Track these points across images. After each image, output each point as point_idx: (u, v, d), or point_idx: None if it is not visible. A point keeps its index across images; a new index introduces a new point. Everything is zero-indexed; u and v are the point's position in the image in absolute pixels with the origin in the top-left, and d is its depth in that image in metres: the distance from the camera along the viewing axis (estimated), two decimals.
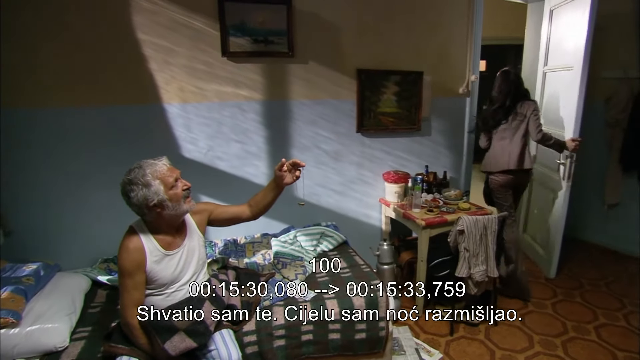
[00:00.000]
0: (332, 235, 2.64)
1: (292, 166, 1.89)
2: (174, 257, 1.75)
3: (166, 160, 1.73)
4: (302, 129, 2.72)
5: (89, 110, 2.29)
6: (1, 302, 1.70)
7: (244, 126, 2.60)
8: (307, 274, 2.28)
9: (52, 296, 1.91)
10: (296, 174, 1.90)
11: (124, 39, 2.27)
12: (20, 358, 1.65)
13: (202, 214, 1.93)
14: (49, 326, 1.72)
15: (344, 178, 2.90)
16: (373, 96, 2.79)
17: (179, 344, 1.58)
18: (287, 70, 2.59)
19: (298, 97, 2.66)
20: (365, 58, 2.74)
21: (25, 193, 2.27)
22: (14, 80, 2.14)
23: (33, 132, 2.23)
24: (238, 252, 2.58)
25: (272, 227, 2.78)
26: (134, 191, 1.60)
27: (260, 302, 2.03)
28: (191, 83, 2.43)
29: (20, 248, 2.26)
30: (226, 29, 2.39)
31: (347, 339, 1.99)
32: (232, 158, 2.62)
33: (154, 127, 2.43)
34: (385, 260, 2.61)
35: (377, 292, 2.07)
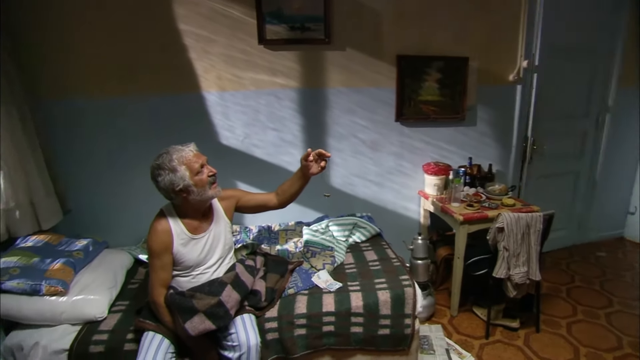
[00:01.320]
0: (365, 227, 2.59)
1: (318, 156, 1.86)
2: (199, 241, 1.83)
3: (194, 146, 1.78)
4: (338, 117, 2.67)
5: (134, 99, 2.43)
6: (53, 272, 1.90)
7: (280, 114, 2.61)
8: (335, 264, 2.27)
9: (97, 270, 2.08)
10: (321, 165, 1.87)
11: (166, 30, 2.36)
12: (67, 323, 1.83)
13: (230, 200, 1.98)
14: (91, 297, 1.88)
15: (381, 168, 2.82)
16: (414, 83, 2.66)
17: (198, 324, 1.64)
18: (323, 58, 2.55)
19: (335, 85, 2.61)
20: (405, 43, 2.62)
21: (81, 176, 2.48)
22: (57, 72, 2.32)
23: (87, 122, 2.42)
24: (271, 238, 2.63)
25: (306, 215, 2.79)
26: (161, 176, 1.68)
27: (285, 290, 2.06)
28: (229, 71, 2.48)
29: (76, 225, 2.48)
30: (263, 17, 2.39)
31: (369, 334, 1.94)
32: (268, 146, 2.65)
33: (193, 115, 2.52)
34: (419, 255, 2.52)
35: (405, 288, 2.01)
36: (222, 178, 2.50)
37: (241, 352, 1.67)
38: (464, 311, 2.60)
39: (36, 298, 1.79)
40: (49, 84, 2.33)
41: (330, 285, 2.07)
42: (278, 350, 1.86)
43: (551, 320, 2.48)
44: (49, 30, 2.25)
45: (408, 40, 2.62)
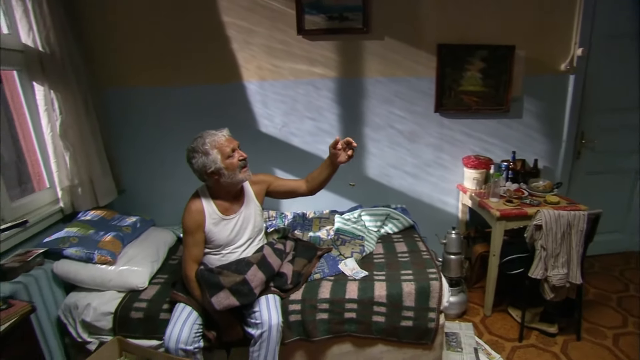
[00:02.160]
0: (397, 218, 2.57)
1: (346, 145, 1.88)
2: (230, 221, 1.93)
3: (227, 131, 1.88)
4: (375, 107, 2.65)
5: (181, 88, 2.60)
6: (105, 243, 2.12)
7: (317, 103, 2.65)
8: (363, 253, 2.28)
9: (142, 245, 2.28)
10: (349, 153, 1.89)
11: (211, 23, 2.49)
12: (113, 290, 2.04)
13: (261, 184, 2.07)
14: (135, 269, 2.07)
15: (419, 160, 2.76)
16: (455, 73, 2.57)
17: (223, 300, 1.75)
18: (361, 47, 2.54)
19: (372, 75, 2.59)
20: (447, 32, 2.52)
21: (135, 159, 2.71)
22: (116, 65, 2.55)
23: (140, 108, 2.64)
24: (305, 225, 2.69)
25: (341, 204, 2.82)
26: (195, 158, 1.80)
27: (311, 274, 2.12)
28: (268, 61, 2.56)
29: (128, 204, 2.73)
30: (302, 7, 2.43)
31: (391, 324, 1.94)
32: (305, 134, 2.71)
33: (235, 103, 2.64)
34: (451, 249, 2.45)
35: (431, 281, 1.98)
36: (261, 164, 2.64)
37: (263, 329, 1.75)
38: (498, 311, 2.49)
39: (90, 265, 2.01)
40: (110, 74, 2.56)
41: (356, 273, 2.09)
42: (300, 332, 1.92)
43: (595, 329, 2.30)
44: (110, 25, 2.47)
45: (450, 28, 2.52)
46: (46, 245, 2.02)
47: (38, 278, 1.91)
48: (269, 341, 1.76)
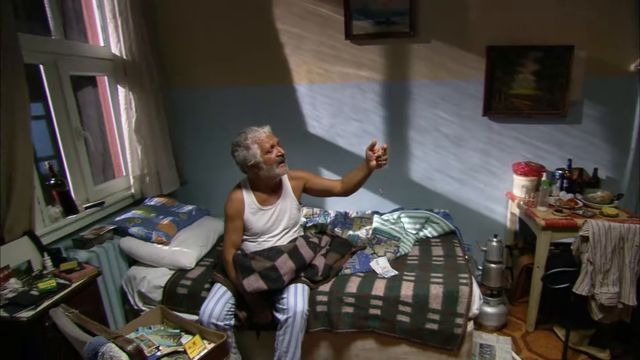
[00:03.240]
0: (438, 222, 2.53)
1: (383, 151, 1.92)
2: (266, 212, 2.09)
3: (268, 128, 2.04)
4: (421, 110, 2.65)
5: (239, 89, 2.84)
6: (162, 226, 2.41)
7: (363, 106, 2.72)
8: (397, 254, 2.30)
9: (194, 231, 2.53)
10: (380, 162, 1.92)
11: (266, 30, 2.69)
12: (165, 267, 2.30)
13: (299, 180, 2.19)
14: (185, 250, 2.32)
15: (465, 165, 2.69)
16: (505, 76, 2.46)
17: (253, 283, 1.90)
18: (407, 50, 2.56)
19: (418, 78, 2.59)
20: (497, 33, 2.44)
21: (197, 155, 3.02)
22: (184, 69, 2.86)
23: (201, 108, 2.93)
24: (346, 224, 2.76)
25: (383, 206, 2.84)
26: (237, 151, 1.98)
27: (341, 269, 2.19)
28: (318, 65, 2.70)
29: (188, 194, 3.05)
30: (350, 14, 2.53)
31: (416, 325, 1.93)
32: (351, 136, 2.79)
33: (286, 104, 2.81)
34: (492, 258, 2.34)
35: (461, 286, 1.93)
36: (307, 163, 2.79)
37: (288, 315, 1.87)
38: (543, 329, 2.32)
39: (148, 243, 2.30)
40: (178, 78, 2.89)
41: (386, 272, 2.12)
42: (325, 323, 2.00)
43: None
44: (180, 35, 2.80)
45: (500, 29, 2.44)
46: (116, 223, 2.36)
47: (107, 250, 2.24)
48: (293, 327, 1.87)
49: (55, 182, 2.17)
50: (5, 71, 1.74)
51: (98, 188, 2.53)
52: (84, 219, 2.28)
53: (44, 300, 1.63)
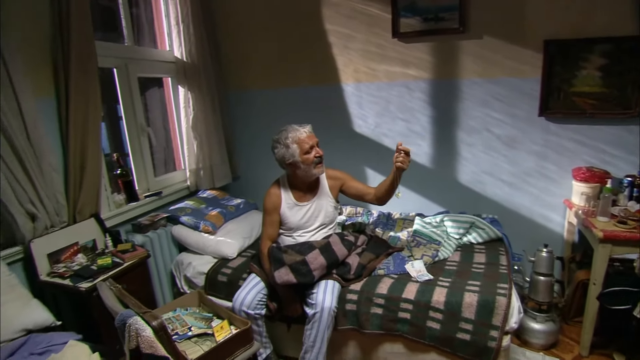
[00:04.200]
0: (483, 228, 2.38)
1: (405, 153, 1.88)
2: (302, 208, 2.14)
3: (309, 128, 2.09)
4: (471, 109, 2.52)
5: (286, 90, 2.94)
6: (210, 217, 2.58)
7: (410, 105, 2.65)
8: (436, 258, 2.21)
9: (240, 223, 2.67)
10: (398, 159, 1.87)
11: (316, 32, 2.75)
12: (210, 255, 2.46)
13: (337, 180, 2.21)
14: (229, 241, 2.46)
15: (517, 168, 2.50)
16: (566, 72, 2.24)
17: (283, 275, 1.96)
18: (457, 48, 2.45)
19: (468, 76, 2.47)
20: (557, 25, 2.23)
21: (249, 151, 3.18)
22: (239, 71, 3.03)
23: (252, 107, 3.09)
24: (388, 224, 2.72)
25: (429, 209, 2.76)
26: (277, 148, 2.06)
27: (375, 269, 2.17)
28: (365, 64, 2.69)
29: (240, 188, 3.22)
30: (397, 11, 2.49)
31: (446, 333, 1.85)
32: (397, 135, 2.73)
33: (332, 104, 2.85)
34: (541, 269, 2.14)
35: (498, 297, 1.81)
36: (353, 162, 2.81)
37: (316, 310, 1.90)
38: (600, 354, 2.08)
39: (196, 232, 2.48)
40: (234, 78, 3.07)
41: (420, 275, 2.06)
42: (353, 322, 2.00)
43: None
44: (235, 38, 2.97)
45: (560, 21, 2.22)
46: (169, 212, 2.58)
47: (160, 236, 2.46)
48: (320, 322, 1.90)
49: (121, 172, 2.44)
50: (82, 74, 2.01)
51: (158, 179, 2.78)
52: (143, 206, 2.53)
53: (100, 275, 1.85)
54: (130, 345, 1.31)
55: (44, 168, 1.87)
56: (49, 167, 1.90)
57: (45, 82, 1.94)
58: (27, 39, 1.84)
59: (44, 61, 1.93)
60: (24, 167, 1.78)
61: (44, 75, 1.93)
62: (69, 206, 2.04)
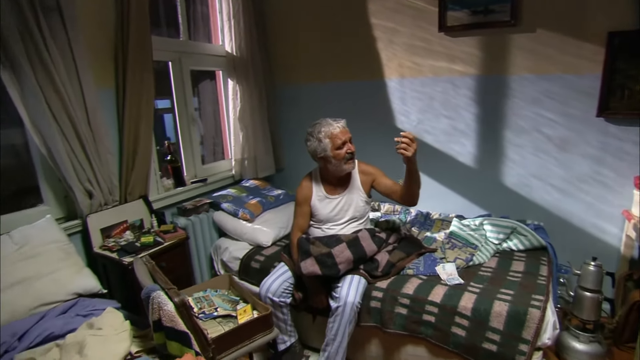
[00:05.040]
0: (525, 235, 2.23)
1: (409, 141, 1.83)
2: (332, 201, 2.16)
3: (343, 123, 2.09)
4: (520, 108, 2.36)
5: (331, 84, 2.97)
6: (249, 205, 2.68)
7: (455, 102, 2.55)
8: (470, 262, 2.12)
9: (278, 213, 2.75)
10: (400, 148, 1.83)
11: (361, 26, 2.74)
12: (245, 242, 2.56)
13: (369, 176, 2.20)
14: (265, 229, 2.55)
15: (570, 173, 2.30)
16: (631, 68, 2.01)
17: (309, 266, 1.99)
18: (507, 42, 2.30)
19: (518, 72, 2.31)
20: (622, 15, 2.01)
21: (293, 144, 3.25)
22: (286, 65, 3.10)
23: (298, 101, 3.15)
24: (425, 224, 2.65)
25: (470, 210, 2.65)
26: (309, 141, 2.10)
27: (404, 268, 2.13)
28: (409, 59, 2.63)
29: (283, 180, 3.31)
30: (444, 4, 2.41)
31: (471, 341, 1.78)
32: (439, 133, 2.65)
33: (375, 98, 2.82)
34: (586, 284, 1.95)
35: (530, 308, 1.70)
36: (392, 158, 2.70)
37: (339, 304, 1.91)
38: None
39: (235, 219, 2.60)
40: (281, 72, 3.16)
41: (450, 279, 1.99)
42: (377, 320, 1.99)
43: None
44: (284, 33, 3.05)
45: (626, 9, 1.99)
46: (212, 198, 2.73)
47: (202, 220, 2.62)
48: (342, 316, 1.91)
49: (170, 159, 2.63)
50: (138, 67, 2.19)
51: (205, 167, 2.96)
52: (189, 191, 2.70)
53: (142, 251, 2.02)
54: (153, 316, 1.43)
55: (101, 152, 2.07)
56: (105, 151, 2.10)
57: (106, 75, 2.14)
58: (93, 34, 2.03)
59: (107, 55, 2.13)
60: (85, 150, 1.98)
61: (105, 68, 2.13)
62: (121, 187, 2.25)
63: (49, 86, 1.82)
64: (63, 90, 1.86)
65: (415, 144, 1.82)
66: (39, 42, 1.76)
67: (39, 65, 1.78)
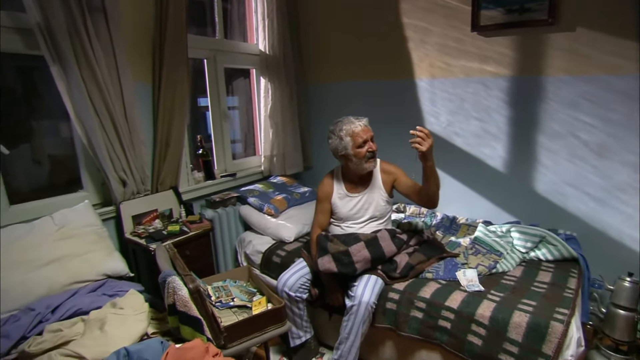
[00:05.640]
0: (555, 245, 2.11)
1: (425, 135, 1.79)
2: (352, 199, 2.16)
3: (365, 121, 2.08)
4: (555, 111, 2.24)
5: (361, 83, 2.96)
6: (275, 201, 2.74)
7: (486, 103, 2.46)
8: (492, 270, 2.05)
9: (303, 210, 2.78)
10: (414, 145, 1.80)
11: (393, 26, 2.71)
12: (269, 236, 2.61)
13: (390, 175, 2.17)
14: (288, 225, 2.59)
15: (608, 182, 2.15)
16: None
17: (326, 263, 1.99)
18: (544, 41, 2.19)
19: (555, 73, 2.19)
20: None
21: (321, 142, 3.24)
22: (318, 64, 3.13)
23: (328, 100, 3.18)
24: (451, 229, 2.58)
25: (498, 216, 2.55)
26: (331, 139, 2.11)
27: (423, 271, 2.09)
28: (440, 59, 2.57)
29: (311, 178, 3.34)
30: (478, 3, 2.33)
31: (487, 352, 1.71)
32: (469, 135, 2.57)
33: (405, 98, 2.78)
34: (620, 301, 1.81)
35: (553, 321, 1.62)
36: None
37: (354, 302, 1.91)
38: None
39: (260, 213, 2.66)
40: (313, 71, 3.20)
41: (470, 285, 1.93)
42: (391, 322, 1.96)
43: None
44: (316, 32, 3.09)
45: None
46: (240, 192, 2.80)
47: (229, 213, 2.70)
48: (356, 316, 1.91)
49: (202, 153, 2.73)
50: (173, 63, 2.30)
51: (236, 162, 3.05)
52: (219, 185, 2.79)
53: (168, 239, 2.12)
54: (168, 300, 1.51)
55: (136, 143, 2.20)
56: (139, 143, 2.23)
57: (144, 70, 2.26)
58: (133, 32, 2.16)
59: (145, 51, 2.25)
60: (120, 141, 2.11)
61: (143, 64, 2.26)
62: (153, 177, 2.37)
63: (91, 81, 1.95)
64: (104, 84, 1.99)
65: (430, 140, 1.78)
66: (84, 40, 1.89)
67: (83, 61, 1.91)
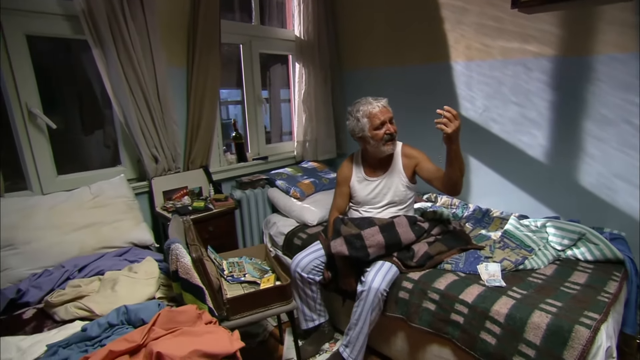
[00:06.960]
0: (597, 244, 1.88)
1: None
2: (371, 183, 2.11)
3: (384, 102, 2.01)
4: (606, 94, 1.98)
5: (396, 68, 2.87)
6: (302, 184, 2.74)
7: (526, 87, 2.25)
8: (519, 266, 1.88)
9: (329, 195, 2.70)
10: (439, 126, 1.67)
11: (428, 6, 2.58)
12: (293, 219, 2.63)
13: (412, 159, 2.08)
14: (312, 209, 2.60)
15: None
16: None
17: (337, 245, 1.96)
18: (594, 14, 1.94)
19: (607, 50, 1.94)
20: None
21: None
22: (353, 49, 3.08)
23: (363, 86, 3.12)
24: (483, 222, 2.41)
25: (537, 211, 2.34)
26: (348, 120, 2.07)
27: (442, 262, 1.98)
28: (478, 40, 2.40)
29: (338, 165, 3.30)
30: None
31: (501, 352, 1.57)
32: (507, 122, 2.37)
33: (440, 82, 2.65)
34: None
35: (578, 325, 1.45)
36: None
37: (364, 288, 1.87)
38: None
39: (286, 196, 2.70)
40: (348, 56, 3.15)
41: (491, 280, 1.80)
42: (403, 311, 1.88)
43: None
44: (352, 17, 3.05)
45: None
46: (269, 175, 2.86)
47: (257, 194, 2.77)
48: (366, 302, 1.86)
49: (235, 135, 2.82)
50: (206, 48, 2.40)
51: (269, 146, 3.11)
52: (250, 167, 2.87)
53: (192, 214, 2.23)
54: (172, 267, 1.57)
55: (167, 122, 2.33)
56: (171, 122, 2.36)
57: (179, 54, 2.39)
58: (168, 17, 2.28)
59: (179, 36, 2.36)
60: (153, 119, 2.24)
61: (178, 48, 2.37)
62: (184, 156, 2.50)
63: (127, 63, 2.09)
64: (138, 66, 2.13)
65: (458, 122, 1.66)
66: (121, 24, 2.03)
67: (121, 44, 2.05)
